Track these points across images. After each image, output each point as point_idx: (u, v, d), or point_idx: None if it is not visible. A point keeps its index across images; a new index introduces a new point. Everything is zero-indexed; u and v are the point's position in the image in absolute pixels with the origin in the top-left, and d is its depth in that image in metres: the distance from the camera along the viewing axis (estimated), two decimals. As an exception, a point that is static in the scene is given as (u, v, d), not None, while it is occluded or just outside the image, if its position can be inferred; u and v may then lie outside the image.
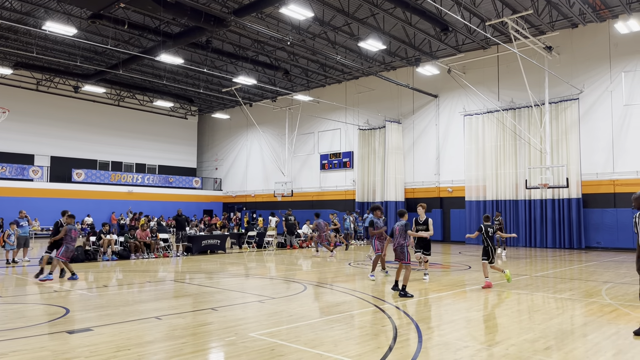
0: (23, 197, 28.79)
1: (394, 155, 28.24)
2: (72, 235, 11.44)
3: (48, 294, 9.68)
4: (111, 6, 19.16)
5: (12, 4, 21.20)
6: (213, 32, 22.30)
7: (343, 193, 31.58)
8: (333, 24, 22.41)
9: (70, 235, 11.46)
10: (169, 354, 5.47)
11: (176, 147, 40.76)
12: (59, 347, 5.68)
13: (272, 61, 28.10)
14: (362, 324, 6.98)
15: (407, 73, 28.26)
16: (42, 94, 33.08)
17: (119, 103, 37.24)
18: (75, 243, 11.80)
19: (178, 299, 9.13)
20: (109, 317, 7.37)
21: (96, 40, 24.09)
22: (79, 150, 34.80)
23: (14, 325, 6.88)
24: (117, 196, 33.70)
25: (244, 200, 38.09)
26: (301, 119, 32.95)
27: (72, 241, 11.54)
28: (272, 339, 6.06)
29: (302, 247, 22.78)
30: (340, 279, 11.89)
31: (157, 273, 13.23)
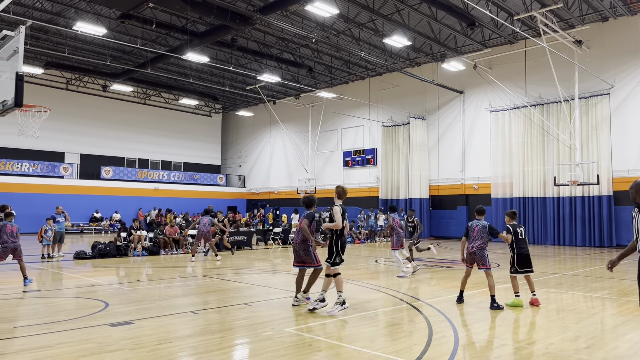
0: (54, 193, 29.52)
1: (418, 152, 28.07)
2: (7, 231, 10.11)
3: (85, 287, 9.95)
4: (140, 6, 19.50)
5: (43, 4, 21.73)
6: (238, 31, 22.49)
7: (366, 190, 31.53)
8: (358, 20, 22.36)
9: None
10: (208, 347, 5.60)
11: (201, 144, 41.25)
12: (103, 339, 5.85)
13: (296, 58, 28.19)
14: (395, 321, 7.00)
15: (432, 69, 28.03)
16: (72, 93, 33.84)
17: (145, 101, 37.85)
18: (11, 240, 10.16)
19: (210, 294, 9.28)
20: (147, 311, 7.56)
21: (125, 40, 24.53)
22: (107, 147, 35.52)
23: (57, 318, 7.11)
24: (144, 193, 34.30)
25: (267, 197, 38.36)
26: (324, 116, 32.99)
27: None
28: (308, 335, 6.14)
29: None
30: (368, 276, 11.92)
31: (186, 268, 13.45)
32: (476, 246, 8.08)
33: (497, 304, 7.78)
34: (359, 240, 24.24)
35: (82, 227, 31.02)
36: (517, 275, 8.16)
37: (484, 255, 8.07)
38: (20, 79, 6.38)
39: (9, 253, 10.00)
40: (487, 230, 8.10)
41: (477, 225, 8.18)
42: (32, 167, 30.24)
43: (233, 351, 5.46)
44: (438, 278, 11.67)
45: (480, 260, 8.07)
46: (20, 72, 6.42)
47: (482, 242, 8.10)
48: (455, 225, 26.77)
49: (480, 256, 8.06)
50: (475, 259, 8.14)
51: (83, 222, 31.20)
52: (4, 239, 9.97)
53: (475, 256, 8.11)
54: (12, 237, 10.02)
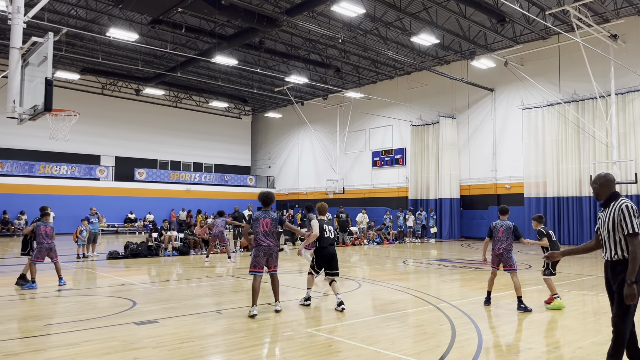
0: (90, 195, 30.44)
1: (448, 152, 27.65)
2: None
3: (116, 286, 10.21)
4: (170, 11, 19.89)
5: (78, 12, 22.45)
6: (266, 33, 22.68)
7: (395, 190, 31.26)
8: (385, 19, 22.21)
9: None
10: (229, 347, 5.65)
11: (231, 146, 41.77)
12: (127, 337, 5.99)
13: (323, 59, 28.22)
14: (418, 323, 6.90)
15: (461, 67, 27.57)
16: (106, 97, 34.83)
17: (177, 104, 38.60)
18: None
19: (236, 294, 9.37)
20: (172, 310, 7.69)
21: (156, 45, 25.09)
22: (141, 150, 36.38)
23: (87, 316, 7.31)
24: (176, 194, 34.98)
25: (296, 197, 38.51)
26: (352, 116, 32.90)
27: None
28: (329, 335, 6.12)
29: (355, 244, 22.76)
30: (395, 277, 11.81)
31: (214, 268, 13.63)
32: (502, 247, 7.99)
33: (524, 305, 7.61)
34: (388, 241, 24.05)
35: (117, 227, 31.87)
36: (551, 277, 7.96)
37: (510, 257, 7.98)
38: (49, 84, 6.61)
39: (45, 254, 10.26)
40: (512, 231, 7.96)
41: (501, 225, 8.04)
42: (70, 170, 31.26)
43: (253, 351, 5.49)
44: (466, 279, 11.45)
45: (508, 262, 7.97)
46: (49, 78, 6.65)
47: (508, 244, 8.00)
48: (486, 225, 26.18)
49: (507, 257, 7.97)
50: (502, 261, 8.04)
51: (118, 222, 32.06)
52: (39, 240, 10.22)
53: (502, 258, 8.02)
54: (47, 238, 10.24)
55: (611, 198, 4.24)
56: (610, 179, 4.34)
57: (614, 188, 4.32)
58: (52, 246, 10.31)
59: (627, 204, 4.07)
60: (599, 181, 4.38)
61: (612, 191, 4.29)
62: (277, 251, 7.59)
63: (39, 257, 10.11)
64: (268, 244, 7.46)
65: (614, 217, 4.09)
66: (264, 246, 7.44)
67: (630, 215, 4.00)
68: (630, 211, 4.01)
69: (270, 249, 7.46)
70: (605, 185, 4.33)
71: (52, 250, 10.31)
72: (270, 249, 7.46)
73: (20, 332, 6.28)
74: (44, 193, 29.01)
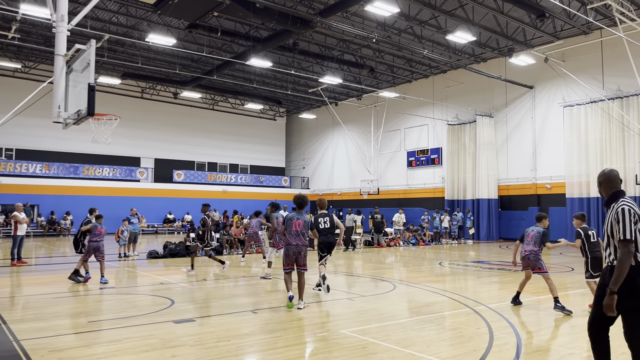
0: (131, 196, 31.36)
1: (485, 151, 27.07)
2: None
3: (155, 285, 10.48)
4: (206, 15, 20.30)
5: (119, 19, 23.18)
6: (300, 34, 22.80)
7: (431, 190, 30.85)
8: (419, 18, 21.96)
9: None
10: (264, 346, 5.71)
11: (266, 147, 42.20)
12: (166, 335, 6.13)
13: (357, 59, 28.15)
14: (455, 326, 6.79)
15: (499, 64, 26.95)
16: (146, 101, 35.81)
17: (213, 107, 39.30)
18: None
19: (271, 294, 9.45)
20: (209, 309, 7.83)
21: (192, 49, 25.62)
22: (179, 152, 37.23)
23: (128, 313, 7.54)
24: (213, 195, 35.57)
25: (330, 198, 38.50)
26: (387, 116, 32.67)
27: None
28: (363, 337, 6.09)
29: (390, 245, 22.59)
30: (431, 279, 11.65)
31: (250, 268, 13.79)
32: (528, 250, 8.01)
33: (561, 305, 7.48)
34: (424, 242, 23.75)
35: (157, 227, 32.71)
36: (594, 280, 7.61)
37: (538, 260, 7.96)
38: (91, 89, 6.84)
39: (92, 252, 10.80)
40: (540, 236, 8.00)
41: (532, 230, 8.14)
42: (111, 172, 32.32)
43: (287, 351, 5.52)
44: (504, 282, 11.18)
45: (536, 265, 7.97)
46: (92, 84, 6.88)
47: (533, 247, 7.98)
48: (525, 226, 25.17)
49: (535, 261, 7.97)
50: (529, 264, 8.04)
51: (157, 223, 32.90)
52: (91, 238, 10.90)
53: (529, 261, 8.02)
54: (97, 237, 10.90)
55: (612, 198, 3.86)
56: (613, 176, 3.93)
57: (617, 187, 3.90)
58: (99, 245, 10.90)
59: (626, 206, 3.68)
60: (599, 179, 3.99)
61: (614, 190, 3.88)
62: (306, 251, 7.96)
63: (87, 255, 10.80)
64: (297, 243, 7.85)
65: (612, 220, 3.76)
66: (293, 245, 7.84)
67: (626, 219, 3.62)
68: (627, 215, 3.63)
69: (299, 248, 7.84)
70: (606, 183, 3.93)
71: (100, 249, 10.87)
72: (299, 248, 7.84)
73: (65, 329, 6.53)
74: (87, 194, 30.11)
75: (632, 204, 3.72)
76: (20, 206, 14.13)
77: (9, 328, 6.46)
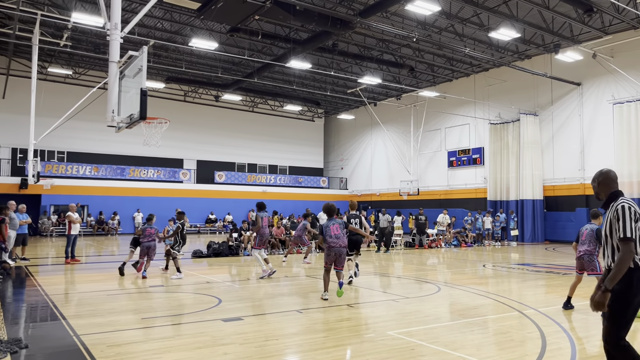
0: (175, 197, 32.24)
1: (530, 150, 26.34)
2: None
3: (201, 284, 10.74)
4: (247, 19, 20.62)
5: (164, 24, 23.87)
6: (339, 35, 22.84)
7: (473, 191, 30.26)
8: (461, 15, 21.61)
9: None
10: (312, 346, 5.76)
11: (304, 148, 42.49)
12: (216, 333, 6.29)
13: (396, 59, 27.94)
14: (504, 329, 6.66)
15: (544, 61, 26.17)
16: (188, 104, 36.71)
17: (253, 109, 39.88)
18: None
19: (314, 294, 9.52)
20: (256, 308, 7.97)
21: (234, 52, 26.10)
22: (220, 153, 37.98)
23: (177, 311, 7.77)
24: (253, 196, 36.07)
25: (369, 199, 38.40)
26: (427, 115, 32.27)
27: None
28: (411, 339, 6.06)
29: (431, 246, 22.31)
30: (475, 281, 11.45)
31: (292, 268, 13.93)
32: (583, 250, 7.77)
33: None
34: (466, 244, 23.33)
35: (199, 227, 33.47)
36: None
37: (592, 261, 7.72)
38: (144, 94, 7.10)
39: (145, 252, 11.71)
40: (594, 235, 7.69)
41: (586, 229, 7.88)
42: (156, 173, 33.31)
43: (336, 351, 5.56)
44: (552, 285, 10.87)
45: (589, 266, 7.73)
46: (144, 88, 7.14)
47: (589, 247, 7.72)
48: (573, 228, 24.63)
49: (589, 261, 7.73)
50: (583, 265, 7.81)
51: (200, 223, 33.67)
52: (142, 240, 11.84)
53: (583, 261, 7.80)
54: (148, 237, 11.83)
55: (611, 198, 3.77)
56: (611, 176, 3.85)
57: (615, 187, 3.82)
58: (150, 245, 11.83)
59: (625, 204, 3.59)
60: (598, 179, 3.89)
61: (612, 190, 3.80)
62: (345, 252, 8.82)
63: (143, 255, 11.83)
64: (339, 244, 8.67)
65: (611, 219, 3.65)
66: (335, 247, 8.66)
67: (626, 217, 3.53)
68: (627, 213, 3.54)
69: (340, 250, 8.67)
70: (604, 184, 3.85)
71: (150, 248, 11.82)
72: (340, 250, 8.67)
73: (120, 325, 6.79)
74: (133, 195, 31.14)
75: (632, 202, 3.65)
76: (74, 206, 14.77)
77: (69, 323, 6.78)
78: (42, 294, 9.29)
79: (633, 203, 3.65)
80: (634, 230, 3.50)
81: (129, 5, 20.97)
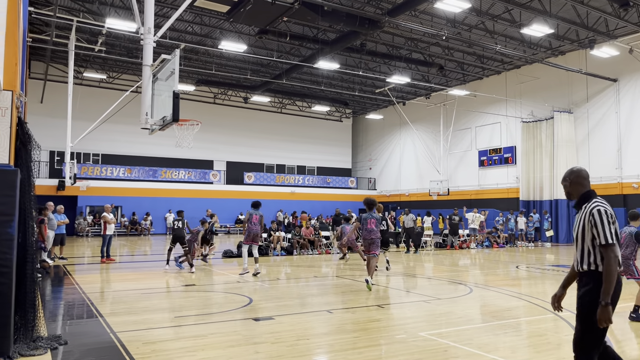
0: (205, 198, 32.72)
1: (564, 149, 25.66)
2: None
3: (232, 283, 10.87)
4: (276, 21, 20.77)
5: (194, 28, 24.27)
6: (367, 35, 22.76)
7: (505, 191, 29.67)
8: (491, 12, 21.23)
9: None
10: (344, 346, 5.75)
11: (332, 148, 42.50)
12: (248, 332, 6.35)
13: (425, 58, 27.66)
14: (540, 332, 6.50)
15: (578, 57, 25.46)
16: (218, 106, 37.23)
17: (281, 110, 40.14)
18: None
19: (344, 294, 9.51)
20: (287, 308, 8.01)
21: (262, 54, 26.33)
22: (249, 155, 38.37)
23: (210, 310, 7.88)
24: (282, 196, 36.34)
25: (397, 199, 38.12)
26: (457, 114, 31.83)
27: None
28: (443, 340, 5.98)
29: (462, 247, 21.98)
30: (508, 283, 11.22)
31: (321, 269, 13.95)
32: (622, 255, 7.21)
33: (634, 316, 7.03)
34: (498, 245, 22.88)
35: (229, 228, 33.88)
36: None
37: (629, 265, 7.33)
38: (176, 96, 7.22)
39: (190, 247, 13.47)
40: (633, 238, 7.28)
41: (624, 232, 7.36)
42: (187, 175, 33.89)
43: (367, 352, 5.54)
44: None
45: (627, 271, 7.32)
46: (176, 91, 7.26)
47: (629, 251, 7.28)
48: (611, 229, 23.89)
49: (626, 266, 7.32)
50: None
51: (229, 223, 34.07)
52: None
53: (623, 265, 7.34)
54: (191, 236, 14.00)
55: (583, 199, 3.61)
56: (583, 175, 3.69)
57: (587, 186, 3.67)
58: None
59: (600, 207, 3.44)
60: (569, 178, 3.71)
61: (585, 190, 3.65)
62: (378, 241, 10.39)
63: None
64: (374, 237, 10.28)
65: (584, 222, 3.49)
66: (373, 238, 10.28)
67: (603, 221, 3.38)
68: (603, 216, 3.39)
69: (376, 240, 10.32)
70: (576, 183, 3.68)
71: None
72: (376, 240, 10.32)
73: (155, 323, 6.93)
74: (165, 196, 31.75)
75: (606, 205, 3.50)
76: (109, 207, 15.17)
77: (105, 321, 6.96)
78: (80, 292, 9.57)
79: (607, 205, 3.51)
80: (612, 234, 3.36)
81: (161, 10, 21.40)
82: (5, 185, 4.88)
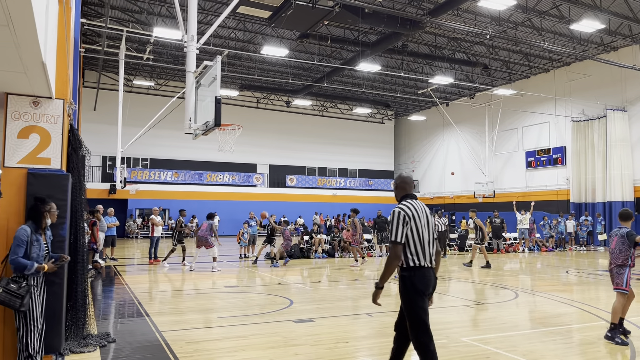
0: (249, 200, 33.25)
1: (618, 149, 24.48)
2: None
3: (273, 285, 10.99)
4: (317, 25, 20.88)
5: (237, 34, 24.76)
6: (409, 36, 22.52)
7: (554, 193, 28.60)
8: (538, 8, 20.55)
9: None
10: (383, 350, 5.71)
11: (374, 151, 42.27)
12: (287, 334, 6.41)
13: (469, 57, 27.08)
14: (589, 340, 6.23)
15: (632, 52, 24.26)
16: (260, 110, 37.80)
17: (322, 113, 40.30)
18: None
19: (385, 298, 9.42)
20: (326, 311, 8.03)
21: (303, 58, 26.54)
22: (291, 158, 38.74)
23: (251, 311, 8.00)
24: (323, 199, 36.46)
25: (441, 201, 37.45)
26: (502, 114, 30.98)
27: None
28: (486, 346, 5.84)
29: (508, 251, 21.34)
30: (557, 288, 10.81)
31: (363, 272, 13.89)
32: (612, 262, 6.28)
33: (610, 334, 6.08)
34: (546, 249, 22.08)
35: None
36: None
37: (620, 274, 6.17)
38: (218, 102, 7.39)
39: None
40: (625, 239, 6.14)
41: (616, 234, 6.29)
42: (231, 178, 34.59)
43: (406, 356, 5.46)
44: None
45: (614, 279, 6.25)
46: (218, 96, 7.43)
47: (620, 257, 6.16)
48: (670, 232, 22.59)
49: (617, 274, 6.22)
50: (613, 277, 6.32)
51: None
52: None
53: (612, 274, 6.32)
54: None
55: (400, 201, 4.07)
56: (405, 180, 4.13)
57: (408, 190, 4.09)
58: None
59: (398, 209, 3.89)
60: (395, 182, 4.22)
61: (404, 193, 4.08)
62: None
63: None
64: None
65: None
66: None
67: (395, 221, 3.85)
68: (397, 217, 3.85)
69: None
70: (399, 188, 4.15)
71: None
72: None
73: (198, 323, 7.11)
74: (210, 199, 32.48)
75: (406, 207, 3.88)
76: (157, 210, 15.70)
77: (152, 320, 7.20)
78: (129, 292, 9.94)
79: (409, 207, 3.89)
80: (400, 233, 3.80)
81: (205, 17, 21.96)
82: (58, 189, 5.14)
